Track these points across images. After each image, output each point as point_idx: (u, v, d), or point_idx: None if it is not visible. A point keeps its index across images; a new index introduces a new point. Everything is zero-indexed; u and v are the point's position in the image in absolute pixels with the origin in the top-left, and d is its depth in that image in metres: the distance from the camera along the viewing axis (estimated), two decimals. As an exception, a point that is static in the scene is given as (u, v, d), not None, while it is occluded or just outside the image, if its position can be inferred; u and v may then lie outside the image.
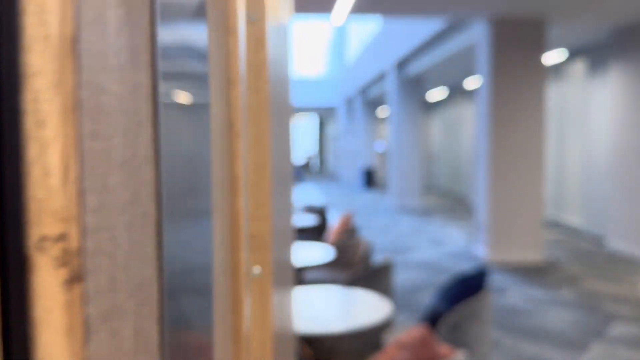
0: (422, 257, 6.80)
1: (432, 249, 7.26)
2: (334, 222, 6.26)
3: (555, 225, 9.06)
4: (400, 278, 5.76)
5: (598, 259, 6.52)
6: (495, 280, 5.60)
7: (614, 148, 7.01)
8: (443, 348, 1.80)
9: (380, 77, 14.03)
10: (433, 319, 2.75)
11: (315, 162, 30.34)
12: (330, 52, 24.59)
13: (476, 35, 6.84)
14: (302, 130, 33.42)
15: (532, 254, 6.46)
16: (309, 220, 5.49)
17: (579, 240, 7.75)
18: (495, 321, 4.35)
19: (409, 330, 1.74)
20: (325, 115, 28.31)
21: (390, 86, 11.98)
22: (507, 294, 5.11)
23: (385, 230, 8.99)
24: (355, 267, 4.02)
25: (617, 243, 6.92)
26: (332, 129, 26.88)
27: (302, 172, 19.57)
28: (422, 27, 9.04)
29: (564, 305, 4.73)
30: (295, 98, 22.64)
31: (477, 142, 6.70)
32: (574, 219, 8.55)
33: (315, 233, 6.05)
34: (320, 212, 5.97)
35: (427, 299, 4.96)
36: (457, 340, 2.54)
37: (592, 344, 3.85)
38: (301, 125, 32.00)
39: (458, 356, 1.82)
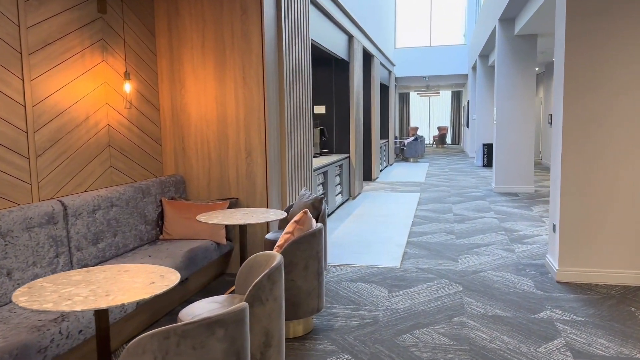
0: (472, 264, 4.80)
1: (496, 253, 5.17)
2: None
3: None
4: (406, 297, 3.91)
5: None
6: (555, 314, 3.50)
7: None
8: None
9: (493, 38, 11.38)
10: None
11: (447, 136, 27.50)
12: (467, 19, 21.59)
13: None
14: (436, 102, 30.57)
15: (626, 274, 4.09)
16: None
17: None
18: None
19: None
20: (459, 85, 25.31)
21: (496, 45, 9.47)
22: (561, 337, 3.06)
23: (460, 221, 6.95)
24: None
25: None
26: (464, 100, 23.93)
27: (419, 148, 17.35)
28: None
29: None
30: (431, 67, 20.19)
31: (554, 114, 4.43)
32: None
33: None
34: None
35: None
36: None
37: None
38: (436, 97, 29.17)
39: None
